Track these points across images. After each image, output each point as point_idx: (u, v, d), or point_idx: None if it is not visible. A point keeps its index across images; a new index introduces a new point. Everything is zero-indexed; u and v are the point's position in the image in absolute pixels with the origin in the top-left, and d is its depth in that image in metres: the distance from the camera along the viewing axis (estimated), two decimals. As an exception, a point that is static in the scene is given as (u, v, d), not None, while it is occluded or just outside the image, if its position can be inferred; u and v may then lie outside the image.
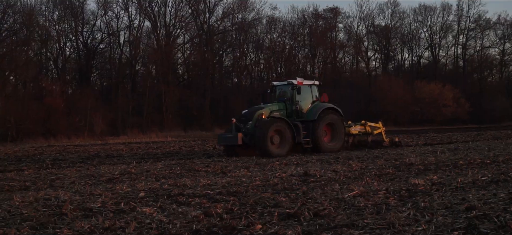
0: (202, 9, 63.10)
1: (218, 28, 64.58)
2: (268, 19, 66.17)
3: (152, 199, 10.48)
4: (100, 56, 60.85)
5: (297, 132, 22.45)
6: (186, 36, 64.43)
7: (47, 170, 18.41)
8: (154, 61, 59.21)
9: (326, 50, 70.04)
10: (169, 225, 8.03)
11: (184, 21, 62.31)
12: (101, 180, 14.66)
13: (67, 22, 57.87)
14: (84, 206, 9.82)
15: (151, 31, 61.00)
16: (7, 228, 8.21)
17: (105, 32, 59.39)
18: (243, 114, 23.54)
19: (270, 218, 8.27)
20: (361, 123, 26.10)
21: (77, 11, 57.54)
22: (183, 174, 15.56)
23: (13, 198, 11.03)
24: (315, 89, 24.50)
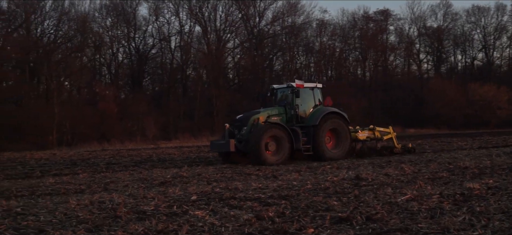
0: (252, 13, 63.34)
1: (268, 32, 64.65)
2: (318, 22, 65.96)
3: (204, 202, 10.55)
4: (151, 61, 61.64)
5: (295, 138, 20.94)
6: (236, 41, 64.79)
7: (101, 173, 18.74)
8: (204, 66, 59.66)
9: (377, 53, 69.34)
10: (221, 228, 8.07)
11: (234, 25, 62.64)
12: (154, 184, 14.84)
13: (119, 29, 58.87)
14: (138, 209, 9.96)
15: (202, 36, 61.51)
16: (63, 230, 8.39)
17: (157, 38, 60.21)
18: (237, 119, 22.28)
19: (322, 222, 8.23)
20: (370, 127, 24.36)
21: (129, 18, 58.46)
22: (234, 178, 15.63)
23: (69, 201, 11.27)
24: (318, 92, 23.03)
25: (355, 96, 59.36)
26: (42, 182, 16.35)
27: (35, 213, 10.02)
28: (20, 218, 9.49)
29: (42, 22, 50.80)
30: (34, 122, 42.62)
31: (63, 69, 50.04)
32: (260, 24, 63.96)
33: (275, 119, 21.63)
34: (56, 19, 50.97)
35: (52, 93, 46.70)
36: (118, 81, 57.96)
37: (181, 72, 60.51)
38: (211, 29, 61.20)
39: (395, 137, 24.86)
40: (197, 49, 61.78)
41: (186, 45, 60.11)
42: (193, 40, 61.67)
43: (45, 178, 17.55)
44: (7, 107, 44.85)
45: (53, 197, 12.67)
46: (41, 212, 10.05)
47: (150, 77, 63.24)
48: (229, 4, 61.53)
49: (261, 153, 20.13)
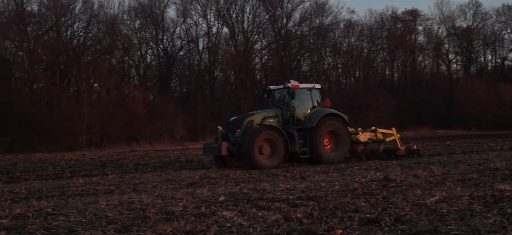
0: (280, 14, 63.32)
1: (296, 33, 64.58)
2: (346, 22, 65.69)
3: (232, 203, 10.57)
4: (179, 63, 61.98)
5: (291, 141, 20.24)
6: (263, 42, 64.81)
7: (130, 174, 18.91)
8: (232, 67, 59.82)
9: (405, 53, 68.81)
10: (249, 229, 8.08)
11: (261, 27, 62.69)
12: (182, 184, 14.91)
13: (148, 30, 59.30)
14: (166, 209, 10.02)
15: (229, 37, 61.70)
16: (93, 230, 8.49)
17: (185, 39, 60.52)
18: (230, 121, 21.78)
19: (350, 223, 8.20)
20: (371, 129, 23.53)
21: (157, 20, 58.87)
22: (262, 179, 15.64)
23: (99, 201, 11.39)
24: (316, 93, 22.23)
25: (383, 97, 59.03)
26: (72, 182, 16.54)
27: (66, 213, 10.14)
28: (51, 218, 9.62)
29: (72, 24, 51.50)
30: (64, 123, 43.14)
31: (93, 71, 50.58)
32: (287, 25, 63.97)
33: (271, 121, 20.96)
34: (86, 22, 51.61)
35: (81, 95, 47.23)
36: (147, 82, 58.39)
37: (209, 73, 60.75)
38: (239, 30, 61.38)
39: (399, 139, 23.93)
40: (224, 50, 62.03)
41: (214, 46, 60.35)
42: (220, 41, 61.96)
43: (75, 179, 17.75)
44: (38, 109, 45.47)
45: (83, 197, 12.82)
46: (71, 212, 10.17)
47: (178, 79, 63.61)
48: (257, 6, 61.66)
49: (255, 156, 19.50)
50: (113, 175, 18.63)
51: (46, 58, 47.72)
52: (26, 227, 8.84)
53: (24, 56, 47.57)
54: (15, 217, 9.84)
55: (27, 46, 47.03)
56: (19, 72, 46.56)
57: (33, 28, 48.38)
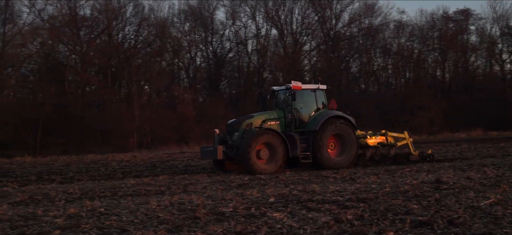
0: (329, 15, 62.95)
1: (345, 34, 64.13)
2: (396, 23, 64.87)
3: (282, 205, 10.57)
4: (228, 65, 62.23)
5: (291, 144, 19.24)
6: (312, 43, 64.55)
7: (180, 175, 19.06)
8: (281, 69, 59.76)
9: (457, 54, 67.52)
10: (300, 231, 8.07)
11: (310, 28, 62.43)
12: (232, 185, 15.00)
13: (197, 33, 59.73)
14: (216, 210, 10.08)
15: (278, 39, 61.64)
16: (145, 230, 8.60)
17: (234, 41, 60.72)
18: (228, 124, 20.82)
19: (401, 225, 8.10)
20: (381, 132, 22.25)
21: (206, 22, 59.24)
22: (311, 180, 15.60)
23: (150, 201, 11.54)
24: (321, 95, 21.19)
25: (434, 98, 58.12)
26: (124, 183, 16.79)
27: (118, 213, 10.30)
28: (104, 218, 9.79)
29: (123, 28, 52.22)
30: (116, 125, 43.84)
31: (143, 73, 51.23)
32: (336, 26, 63.56)
33: (272, 123, 20.07)
34: (136, 25, 52.28)
35: (132, 97, 47.89)
36: (196, 85, 58.82)
37: (258, 75, 60.84)
38: (288, 32, 61.29)
39: (412, 143, 22.67)
40: (273, 52, 61.99)
41: (263, 48, 60.41)
42: (269, 43, 61.93)
43: (127, 180, 18.02)
44: (91, 111, 46.33)
45: (134, 197, 13.00)
46: (123, 212, 10.32)
47: (227, 81, 63.90)
48: (306, 7, 61.45)
49: (251, 161, 18.60)
50: (163, 176, 18.83)
51: (98, 61, 48.61)
52: (80, 226, 9.02)
53: (77, 60, 48.52)
54: (69, 216, 10.04)
55: (80, 49, 47.96)
56: (72, 75, 47.52)
57: (86, 32, 49.31)
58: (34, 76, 47.46)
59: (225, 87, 64.04)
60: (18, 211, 10.94)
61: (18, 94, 46.75)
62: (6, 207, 11.85)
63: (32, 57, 46.80)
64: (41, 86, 43.85)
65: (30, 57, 46.57)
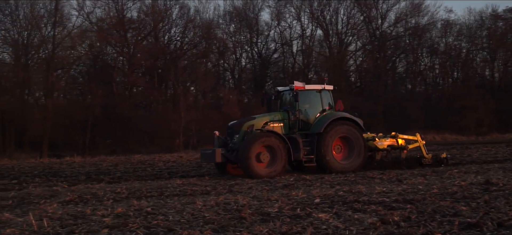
0: (374, 15, 62.37)
1: (391, 34, 63.45)
2: (443, 22, 63.84)
3: (327, 205, 10.53)
4: (274, 65, 62.26)
5: (294, 147, 18.57)
6: (358, 43, 64.07)
7: (226, 175, 19.13)
8: (326, 69, 59.52)
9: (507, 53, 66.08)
10: (346, 232, 8.02)
11: (356, 28, 61.97)
12: (277, 186, 15.02)
13: (242, 34, 59.90)
14: (262, 210, 10.10)
15: (323, 39, 61.37)
16: (191, 229, 8.68)
17: (279, 42, 60.69)
18: (229, 126, 20.15)
19: (450, 227, 7.98)
20: (391, 135, 21.36)
21: (252, 23, 59.36)
22: (357, 181, 15.50)
23: (196, 201, 11.63)
24: (328, 95, 20.18)
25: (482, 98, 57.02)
26: (170, 183, 16.96)
27: (164, 212, 10.41)
28: (151, 217, 9.90)
29: (169, 30, 52.71)
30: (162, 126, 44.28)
31: (189, 74, 51.62)
32: (382, 26, 62.94)
33: (275, 125, 19.28)
34: (182, 27, 52.69)
35: (178, 98, 48.30)
36: (241, 85, 59.02)
37: (303, 76, 60.64)
38: (333, 32, 60.95)
39: (424, 146, 21.50)
40: (318, 52, 61.76)
41: (308, 48, 60.24)
42: (314, 43, 61.73)
43: (173, 180, 18.19)
44: (138, 112, 46.91)
45: (180, 197, 13.13)
46: (170, 212, 10.43)
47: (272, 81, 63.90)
48: (351, 7, 61.02)
49: (251, 164, 17.99)
50: (209, 177, 18.95)
51: (145, 63, 49.19)
52: (127, 225, 9.14)
53: (124, 61, 49.22)
54: (117, 215, 10.20)
55: (127, 51, 48.64)
56: (119, 77, 48.20)
57: (133, 34, 49.92)
58: (83, 78, 48.36)
59: (270, 88, 64.06)
60: (67, 210, 11.16)
61: (68, 96, 47.75)
62: (56, 206, 12.10)
63: (81, 60, 47.71)
64: (90, 88, 44.62)
65: (79, 59, 47.47)
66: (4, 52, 45.46)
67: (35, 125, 41.07)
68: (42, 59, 44.92)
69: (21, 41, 44.25)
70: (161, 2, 51.20)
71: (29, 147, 41.31)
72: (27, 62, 44.15)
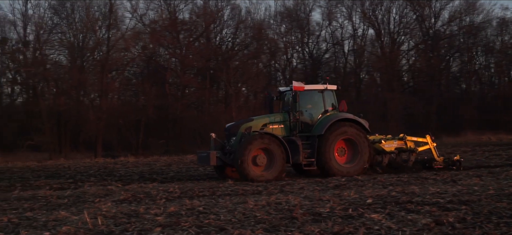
0: (427, 14, 61.40)
1: (445, 33, 62.35)
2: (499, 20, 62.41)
3: (380, 206, 10.42)
4: (325, 65, 61.95)
5: (293, 150, 17.86)
6: (410, 42, 63.19)
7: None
8: (378, 69, 58.94)
9: None
10: (398, 232, 7.92)
11: (408, 27, 61.12)
12: (329, 186, 14.95)
13: (293, 34, 59.83)
14: (313, 210, 10.07)
15: (375, 39, 60.75)
16: (242, 229, 8.70)
17: (330, 42, 60.38)
18: (226, 128, 19.57)
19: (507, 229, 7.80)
20: (399, 137, 20.31)
21: (303, 23, 59.21)
22: (410, 182, 15.30)
23: (247, 201, 11.67)
24: (330, 96, 19.39)
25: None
26: (222, 183, 17.04)
27: (216, 212, 10.48)
28: (202, 216, 9.98)
29: (221, 30, 53.02)
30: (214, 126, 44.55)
31: (241, 75, 51.85)
32: (436, 24, 61.92)
33: (275, 127, 18.68)
34: (234, 28, 52.95)
35: (230, 98, 48.57)
36: (293, 86, 58.92)
37: (355, 76, 60.23)
38: (385, 31, 60.24)
39: (435, 148, 20.53)
40: (370, 52, 61.20)
41: (359, 48, 59.75)
42: (366, 43, 61.17)
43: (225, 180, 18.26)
44: (190, 112, 47.36)
45: (232, 197, 13.18)
46: (222, 211, 10.49)
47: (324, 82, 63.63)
48: (403, 6, 60.22)
49: (246, 168, 17.44)
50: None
51: (197, 63, 49.59)
52: (179, 224, 9.23)
53: (176, 62, 49.75)
54: (169, 214, 10.31)
55: (179, 52, 49.15)
56: (172, 77, 48.76)
57: (185, 35, 50.39)
58: (137, 79, 49.08)
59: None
60: (121, 209, 11.35)
61: (122, 97, 48.52)
62: (111, 204, 12.31)
63: (134, 61, 48.43)
64: (143, 89, 45.22)
65: (133, 61, 48.18)
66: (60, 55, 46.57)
67: (90, 125, 41.83)
68: (97, 61, 45.82)
69: (76, 43, 45.27)
70: (212, 3, 51.60)
71: (84, 147, 42.18)
72: (83, 64, 45.08)
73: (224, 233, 8.61)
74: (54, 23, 44.97)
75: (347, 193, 12.54)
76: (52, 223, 9.93)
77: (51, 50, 46.09)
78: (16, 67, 45.30)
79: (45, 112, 41.40)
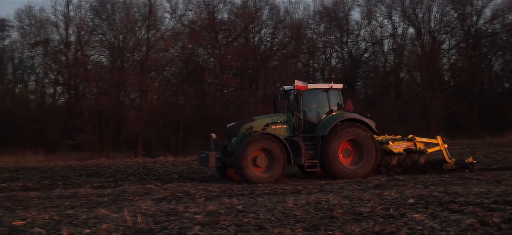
0: (469, 12, 60.43)
1: (487, 31, 61.30)
2: (543, 18, 61.10)
3: (421, 206, 10.25)
4: (364, 65, 61.49)
5: (295, 151, 17.46)
6: (451, 41, 62.30)
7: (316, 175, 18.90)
8: (418, 68, 58.24)
9: None
10: (442, 233, 7.76)
11: (449, 25, 60.27)
12: (369, 186, 14.80)
13: (332, 34, 59.54)
14: (354, 210, 9.95)
15: (415, 37, 60.04)
16: (282, 228, 8.63)
17: (369, 41, 59.92)
18: (227, 128, 19.29)
19: (554, 230, 7.56)
20: (408, 137, 19.61)
21: (342, 23, 58.88)
22: (453, 182, 15.05)
23: (286, 200, 11.60)
24: (336, 95, 18.96)
25: None
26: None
27: (255, 211, 10.44)
28: (242, 215, 9.95)
29: (259, 30, 53.01)
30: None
31: (279, 75, 51.76)
32: (478, 23, 60.92)
33: (278, 127, 18.25)
34: (272, 27, 52.90)
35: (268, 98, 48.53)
36: (331, 85, 58.58)
37: (394, 75, 59.64)
38: (425, 30, 59.52)
39: (446, 149, 19.80)
40: (410, 51, 60.52)
41: (399, 47, 59.12)
42: (406, 42, 60.50)
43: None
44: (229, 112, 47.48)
45: (271, 196, 13.14)
46: (261, 210, 10.44)
47: (363, 81, 63.15)
48: (444, 4, 59.40)
49: (245, 169, 17.07)
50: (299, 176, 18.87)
51: (235, 63, 49.71)
52: (219, 223, 9.21)
53: (215, 62, 49.95)
54: (208, 213, 10.30)
55: (218, 52, 49.31)
56: (211, 77, 48.95)
57: (224, 35, 50.57)
58: (176, 79, 49.41)
59: (361, 88, 63.40)
60: (160, 207, 11.39)
61: (161, 97, 48.92)
62: (150, 203, 12.37)
63: (173, 61, 48.79)
64: (182, 88, 45.50)
65: (172, 61, 48.55)
66: (101, 55, 47.21)
67: (130, 125, 42.27)
68: (136, 61, 46.26)
69: (117, 44, 45.82)
70: (251, 3, 51.63)
71: (125, 147, 42.64)
72: (123, 65, 45.62)
73: (263, 232, 8.55)
74: (95, 24, 45.64)
75: (388, 192, 12.37)
76: (93, 220, 10.01)
77: (92, 51, 46.85)
78: (58, 68, 46.08)
79: (87, 112, 42.02)
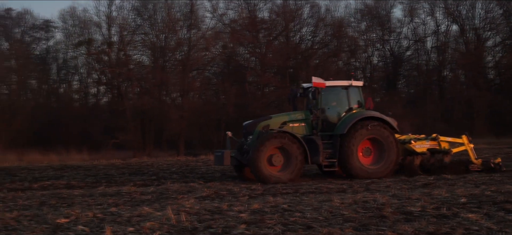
0: (515, 8, 59.19)
1: (534, 28, 59.97)
2: None
3: (475, 205, 9.91)
4: (406, 63, 60.66)
5: (312, 150, 16.86)
6: (496, 38, 61.04)
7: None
8: (462, 66, 57.19)
9: None
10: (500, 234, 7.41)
11: (494, 22, 59.08)
12: (417, 185, 14.51)
13: (374, 32, 58.90)
14: (404, 209, 9.68)
15: (459, 35, 59.00)
16: (330, 227, 8.40)
17: (412, 39, 59.08)
18: (244, 126, 18.63)
19: None
20: (432, 137, 18.80)
21: (383, 21, 58.20)
22: (505, 181, 14.58)
23: (333, 199, 11.36)
24: (356, 92, 18.44)
25: None
26: (305, 180, 16.77)
27: (301, 209, 10.23)
28: (287, 214, 9.75)
29: (300, 29, 52.75)
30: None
31: (320, 73, 51.39)
32: (524, 19, 59.57)
33: (295, 125, 17.65)
34: (313, 26, 52.60)
35: (309, 97, 48.28)
36: (373, 84, 57.96)
37: (437, 73, 58.70)
38: (469, 27, 58.45)
39: (472, 150, 19.01)
40: (454, 49, 59.49)
41: (443, 45, 58.15)
42: (449, 40, 59.49)
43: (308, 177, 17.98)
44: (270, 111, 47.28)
45: (316, 195, 12.91)
46: (307, 209, 10.23)
47: (405, 80, 62.34)
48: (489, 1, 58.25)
49: (260, 167, 16.61)
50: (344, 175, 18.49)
51: (276, 62, 49.52)
52: (264, 221, 9.02)
53: (256, 61, 49.87)
54: (253, 212, 10.13)
55: (259, 51, 49.21)
56: (252, 76, 48.87)
57: (264, 34, 50.44)
58: (217, 79, 49.49)
59: (403, 86, 62.60)
60: (204, 205, 11.25)
61: (203, 96, 49.03)
62: (193, 201, 12.25)
63: (214, 60, 48.87)
64: (223, 88, 45.57)
65: (213, 60, 48.65)
66: (143, 55, 47.55)
67: (173, 124, 42.44)
68: (178, 61, 46.47)
69: (159, 44, 46.09)
70: (292, 2, 51.45)
71: (167, 145, 42.86)
72: (165, 64, 45.86)
73: (311, 231, 8.33)
74: (137, 24, 46.03)
75: (437, 191, 12.03)
76: (136, 218, 9.92)
77: (134, 51, 47.26)
78: (101, 68, 46.55)
79: (129, 112, 42.35)
